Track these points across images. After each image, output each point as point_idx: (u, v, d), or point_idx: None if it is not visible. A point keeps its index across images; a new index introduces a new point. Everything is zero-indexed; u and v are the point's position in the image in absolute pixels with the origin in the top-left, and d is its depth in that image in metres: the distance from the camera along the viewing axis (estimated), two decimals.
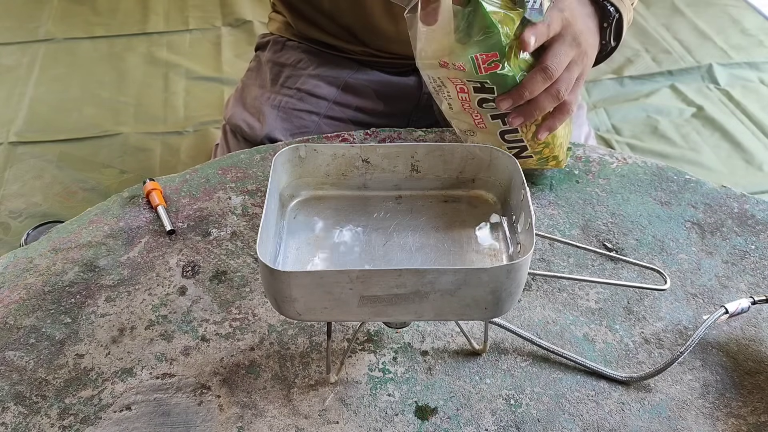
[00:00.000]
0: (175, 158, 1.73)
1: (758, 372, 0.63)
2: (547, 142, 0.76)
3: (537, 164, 0.79)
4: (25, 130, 1.80)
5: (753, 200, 0.80)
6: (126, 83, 1.99)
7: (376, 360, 0.63)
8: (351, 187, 0.66)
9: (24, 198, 1.61)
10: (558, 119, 0.74)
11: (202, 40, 2.18)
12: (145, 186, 0.78)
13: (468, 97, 0.72)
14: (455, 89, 0.72)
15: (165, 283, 0.70)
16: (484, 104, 0.72)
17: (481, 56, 0.67)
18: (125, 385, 0.61)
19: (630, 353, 0.64)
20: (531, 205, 0.57)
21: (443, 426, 0.59)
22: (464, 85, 0.71)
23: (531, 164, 0.79)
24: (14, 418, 0.59)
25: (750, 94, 1.96)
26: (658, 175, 0.83)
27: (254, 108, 1.06)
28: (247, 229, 0.75)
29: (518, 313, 0.67)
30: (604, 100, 1.94)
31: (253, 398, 0.60)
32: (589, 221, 0.77)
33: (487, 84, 0.70)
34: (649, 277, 0.71)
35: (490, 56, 0.67)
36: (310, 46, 1.07)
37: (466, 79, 0.70)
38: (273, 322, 0.66)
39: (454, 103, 0.74)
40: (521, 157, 0.77)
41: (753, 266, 0.72)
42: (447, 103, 0.75)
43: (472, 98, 0.72)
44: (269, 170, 0.61)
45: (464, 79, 0.70)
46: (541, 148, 0.77)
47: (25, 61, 2.07)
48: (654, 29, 2.24)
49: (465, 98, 0.72)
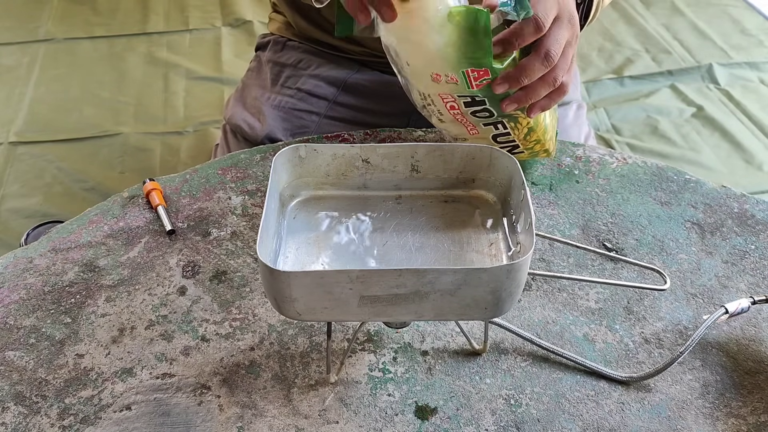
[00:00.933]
0: (175, 158, 1.73)
1: (758, 372, 0.63)
2: (538, 138, 0.76)
3: (528, 157, 0.80)
4: (25, 130, 1.80)
5: (753, 200, 0.80)
6: (126, 83, 1.99)
7: (376, 360, 0.63)
8: (351, 187, 0.66)
9: (24, 198, 1.61)
10: (553, 100, 0.72)
11: (202, 40, 2.18)
12: (145, 186, 0.78)
13: (459, 110, 0.71)
14: (445, 106, 0.71)
15: (165, 283, 0.70)
16: (477, 114, 0.71)
17: (473, 72, 0.66)
18: (125, 385, 0.61)
19: (630, 353, 0.64)
20: (531, 205, 0.57)
21: (443, 426, 0.59)
22: (455, 101, 0.70)
23: (522, 158, 0.79)
24: (14, 418, 0.59)
25: (750, 94, 1.96)
26: (658, 175, 0.83)
27: (254, 108, 1.06)
28: (247, 229, 0.75)
29: (518, 313, 0.67)
30: (604, 100, 1.94)
31: (253, 398, 0.60)
32: (589, 221, 0.77)
33: (478, 97, 0.69)
34: (649, 277, 0.71)
35: (482, 73, 0.66)
36: (310, 46, 1.07)
37: (457, 94, 0.69)
38: (273, 322, 0.66)
39: (444, 116, 0.73)
40: (512, 153, 0.77)
41: (753, 266, 0.72)
42: (437, 117, 0.74)
43: (464, 111, 0.71)
44: (269, 170, 0.61)
45: (455, 94, 0.69)
46: (532, 145, 0.76)
47: (25, 61, 2.07)
48: (654, 29, 2.24)
49: (456, 112, 0.71)
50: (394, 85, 1.06)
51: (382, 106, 1.05)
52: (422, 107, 0.74)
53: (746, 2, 2.40)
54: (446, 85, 0.68)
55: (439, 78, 0.68)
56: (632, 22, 2.27)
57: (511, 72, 0.67)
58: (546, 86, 0.69)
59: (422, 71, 0.69)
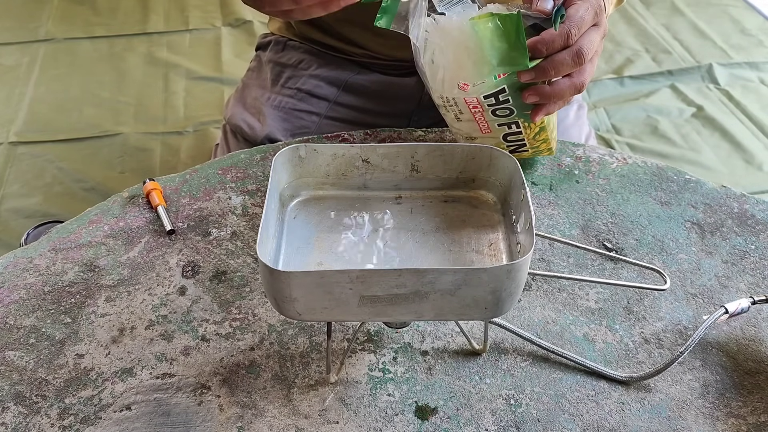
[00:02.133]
0: (175, 158, 1.73)
1: (758, 372, 0.63)
2: (545, 138, 0.77)
3: (531, 155, 0.81)
4: (25, 130, 1.80)
5: (753, 200, 0.80)
6: (126, 83, 1.99)
7: (376, 360, 0.63)
8: (351, 187, 0.66)
9: (24, 198, 1.61)
10: (558, 106, 0.73)
11: (202, 40, 2.18)
12: (145, 186, 0.78)
13: (481, 109, 0.73)
14: (468, 107, 0.73)
15: (165, 283, 0.70)
16: (496, 113, 0.73)
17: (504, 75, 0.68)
18: (125, 385, 0.61)
19: (630, 353, 0.64)
20: (531, 205, 0.57)
21: (443, 426, 0.59)
22: (479, 104, 0.72)
23: (525, 156, 0.81)
24: (14, 418, 0.59)
25: (750, 94, 1.96)
26: (658, 175, 0.83)
27: (254, 108, 1.05)
28: (247, 229, 0.75)
29: (518, 313, 0.67)
30: (604, 100, 1.94)
31: (253, 398, 0.60)
32: (589, 221, 0.77)
33: (503, 95, 0.71)
34: (649, 277, 0.71)
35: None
36: (311, 46, 1.07)
37: (483, 95, 0.70)
38: (273, 322, 0.66)
39: (464, 115, 0.74)
40: (517, 151, 0.78)
41: (753, 266, 0.72)
42: (454, 115, 0.75)
43: (485, 109, 0.73)
44: (269, 170, 0.61)
45: (481, 95, 0.71)
46: (539, 143, 0.78)
47: (25, 61, 2.07)
48: (654, 29, 2.24)
49: (478, 111, 0.73)
50: (395, 86, 1.07)
51: (383, 106, 1.05)
52: (441, 105, 0.75)
53: (746, 2, 2.40)
54: (474, 89, 0.70)
55: (466, 87, 0.70)
56: (632, 22, 2.27)
57: (541, 63, 0.68)
58: (572, 89, 0.71)
59: (451, 82, 0.70)
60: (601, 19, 0.72)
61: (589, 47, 0.69)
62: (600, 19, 0.71)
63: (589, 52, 0.69)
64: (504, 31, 0.66)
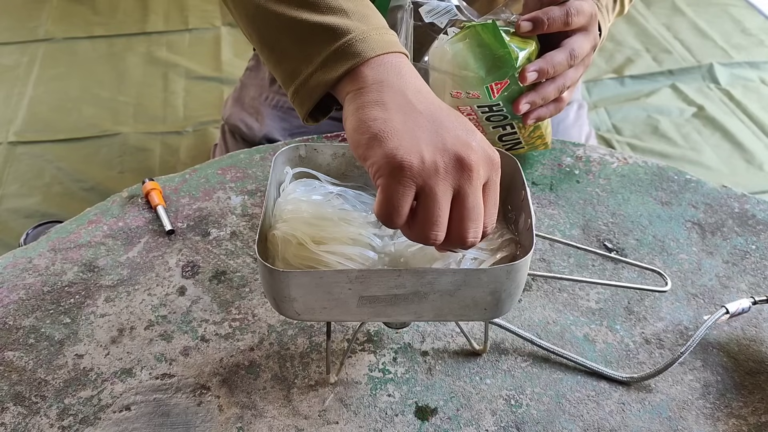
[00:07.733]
0: (174, 158, 1.73)
1: (759, 372, 0.63)
2: (540, 134, 0.78)
3: (527, 151, 0.82)
4: (25, 130, 1.80)
5: (753, 200, 0.80)
6: (125, 83, 1.99)
7: (376, 360, 0.63)
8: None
9: (23, 198, 1.61)
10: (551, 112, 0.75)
11: (202, 40, 2.18)
12: (145, 186, 0.78)
13: (476, 116, 0.74)
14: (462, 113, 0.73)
15: (164, 283, 0.70)
16: (491, 119, 0.74)
17: (496, 85, 0.70)
18: (125, 385, 0.61)
19: (630, 353, 0.64)
20: (531, 205, 0.56)
21: (443, 426, 0.58)
22: (473, 111, 0.73)
23: (521, 153, 0.81)
24: (14, 419, 0.58)
25: (751, 94, 1.96)
26: (658, 175, 0.83)
27: (253, 108, 1.05)
28: (246, 229, 0.75)
29: (518, 314, 0.67)
30: (604, 99, 1.93)
31: (252, 398, 0.60)
32: (589, 221, 0.77)
33: (498, 106, 0.72)
34: (650, 278, 0.71)
35: (503, 83, 0.70)
36: None
37: (477, 105, 0.72)
38: (273, 322, 0.66)
39: None
40: (514, 149, 0.78)
41: (753, 266, 0.72)
42: None
43: (480, 117, 0.74)
44: (269, 170, 0.61)
45: (474, 105, 0.72)
46: (534, 140, 0.79)
47: (25, 61, 2.07)
48: (654, 29, 2.24)
49: (472, 118, 0.74)
50: None
51: None
52: None
53: (747, 2, 2.40)
54: (467, 100, 0.72)
55: (459, 95, 0.71)
56: (633, 21, 2.27)
57: (539, 61, 0.70)
58: (555, 90, 0.73)
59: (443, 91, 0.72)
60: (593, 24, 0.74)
61: (579, 48, 0.72)
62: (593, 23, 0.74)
63: (580, 51, 0.72)
64: (483, 39, 0.69)
